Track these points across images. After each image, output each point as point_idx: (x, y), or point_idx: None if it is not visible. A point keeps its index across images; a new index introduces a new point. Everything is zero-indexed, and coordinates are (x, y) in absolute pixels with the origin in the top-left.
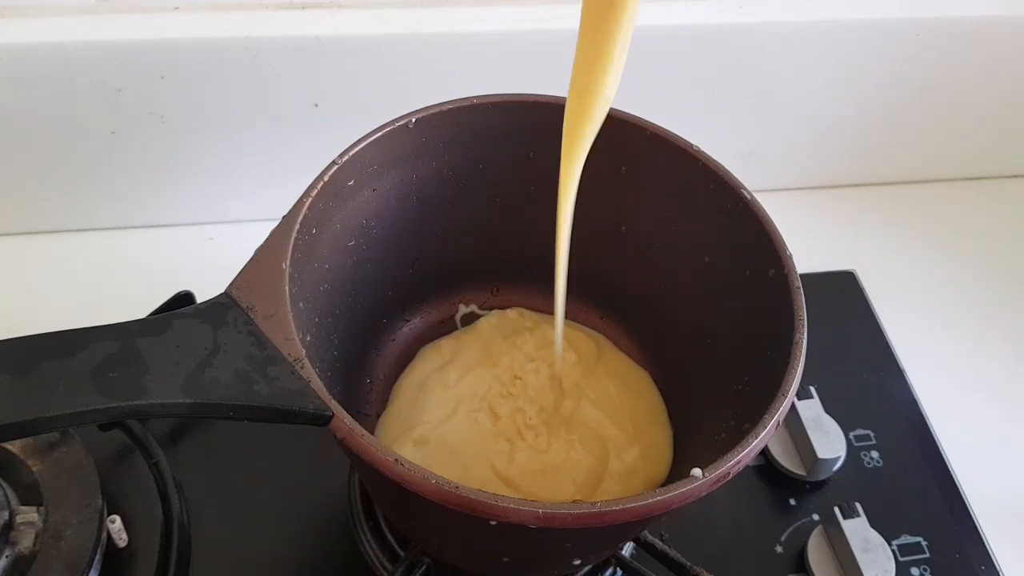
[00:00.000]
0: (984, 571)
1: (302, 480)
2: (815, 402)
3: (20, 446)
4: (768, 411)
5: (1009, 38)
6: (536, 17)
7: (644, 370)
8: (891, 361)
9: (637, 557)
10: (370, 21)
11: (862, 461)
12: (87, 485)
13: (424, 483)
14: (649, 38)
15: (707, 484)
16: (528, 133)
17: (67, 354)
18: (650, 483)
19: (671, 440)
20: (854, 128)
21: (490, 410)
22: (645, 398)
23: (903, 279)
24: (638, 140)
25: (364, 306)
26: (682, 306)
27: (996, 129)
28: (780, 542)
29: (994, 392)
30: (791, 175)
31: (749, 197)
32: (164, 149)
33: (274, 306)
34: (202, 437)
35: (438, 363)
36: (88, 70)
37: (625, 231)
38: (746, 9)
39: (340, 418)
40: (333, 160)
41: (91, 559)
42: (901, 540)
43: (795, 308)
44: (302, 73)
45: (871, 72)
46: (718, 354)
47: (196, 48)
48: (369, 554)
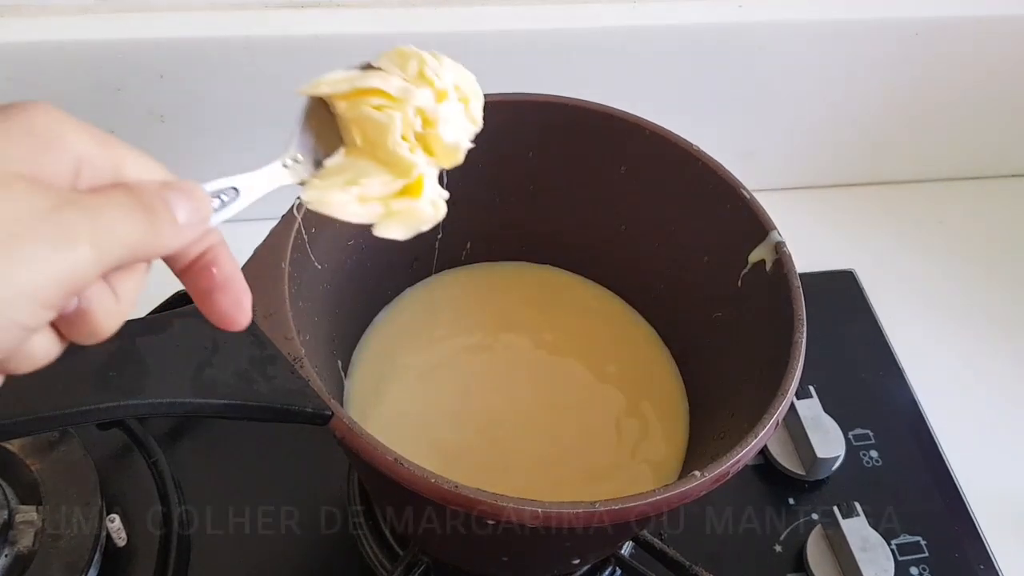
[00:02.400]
0: (983, 571)
1: (301, 479)
2: (814, 401)
3: (19, 445)
4: (767, 410)
5: (1009, 38)
6: (536, 17)
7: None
8: (890, 361)
9: (636, 556)
10: (370, 20)
11: (861, 461)
12: (86, 484)
13: (423, 482)
14: (649, 38)
15: (706, 483)
16: (528, 132)
17: (66, 353)
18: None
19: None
20: (854, 128)
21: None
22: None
23: (903, 279)
24: (638, 140)
25: (363, 305)
26: (681, 305)
27: (996, 129)
28: (779, 542)
29: (994, 392)
30: (791, 175)
31: (749, 197)
32: (163, 148)
33: (273, 305)
34: (201, 436)
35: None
36: (87, 69)
37: (625, 231)
38: (745, 9)
39: (339, 417)
40: None
41: (90, 558)
42: (900, 539)
43: (795, 308)
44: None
45: (871, 72)
46: (717, 353)
47: (196, 47)
48: (368, 553)
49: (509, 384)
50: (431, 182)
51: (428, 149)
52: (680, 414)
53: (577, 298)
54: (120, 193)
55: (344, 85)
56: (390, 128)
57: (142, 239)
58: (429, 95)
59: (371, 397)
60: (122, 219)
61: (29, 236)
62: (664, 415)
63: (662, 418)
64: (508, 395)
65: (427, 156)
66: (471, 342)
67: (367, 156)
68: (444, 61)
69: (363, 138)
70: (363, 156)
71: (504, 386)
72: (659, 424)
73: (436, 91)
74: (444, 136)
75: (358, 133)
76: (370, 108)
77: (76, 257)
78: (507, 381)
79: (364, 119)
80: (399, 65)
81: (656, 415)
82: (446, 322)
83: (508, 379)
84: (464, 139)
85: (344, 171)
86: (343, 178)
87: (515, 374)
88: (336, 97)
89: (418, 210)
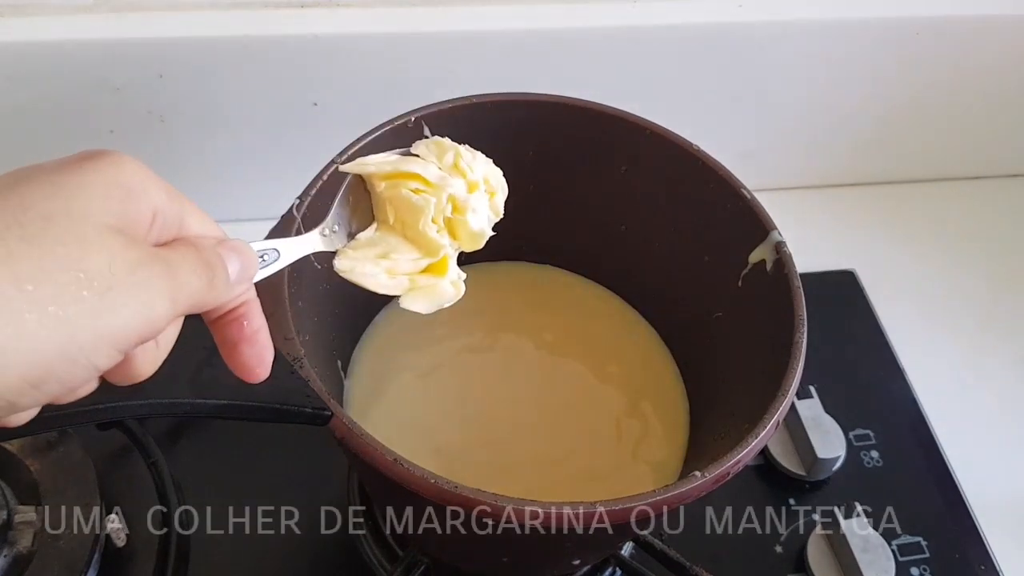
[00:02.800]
0: (984, 571)
1: (301, 480)
2: (815, 402)
3: (18, 445)
4: (768, 411)
5: (1009, 38)
6: (536, 17)
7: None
8: (891, 361)
9: (636, 557)
10: (369, 20)
11: (862, 461)
12: (85, 484)
13: (423, 482)
14: (649, 38)
15: (707, 484)
16: (527, 131)
17: None
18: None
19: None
20: (854, 128)
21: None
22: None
23: (903, 279)
24: (638, 140)
25: (363, 305)
26: (681, 305)
27: (996, 129)
28: (780, 542)
29: (994, 392)
30: (791, 175)
31: (749, 196)
32: (163, 148)
33: (273, 305)
34: (201, 437)
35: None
36: (87, 69)
37: (625, 230)
38: (745, 8)
39: (339, 417)
40: (332, 159)
41: (89, 559)
42: (901, 540)
43: (795, 307)
44: (301, 72)
45: (871, 72)
46: (717, 353)
47: (195, 47)
48: (368, 553)
49: (509, 384)
50: (453, 263)
51: (453, 233)
52: (680, 414)
53: (577, 298)
54: (190, 251)
55: (388, 167)
56: (425, 211)
57: (203, 293)
58: (462, 185)
59: (371, 397)
60: (190, 275)
61: (120, 288)
62: (664, 415)
63: (662, 418)
64: (508, 395)
65: (451, 239)
66: (471, 342)
67: (397, 233)
68: (477, 156)
69: (396, 216)
70: (393, 233)
71: (504, 386)
72: (659, 424)
73: (468, 182)
74: (471, 224)
75: (391, 211)
76: (408, 191)
77: (155, 310)
78: (507, 381)
79: (400, 200)
80: (436, 155)
81: (656, 415)
82: (446, 322)
83: (508, 379)
84: (487, 227)
85: (375, 244)
86: (375, 251)
87: (515, 374)
88: (377, 177)
89: (441, 288)
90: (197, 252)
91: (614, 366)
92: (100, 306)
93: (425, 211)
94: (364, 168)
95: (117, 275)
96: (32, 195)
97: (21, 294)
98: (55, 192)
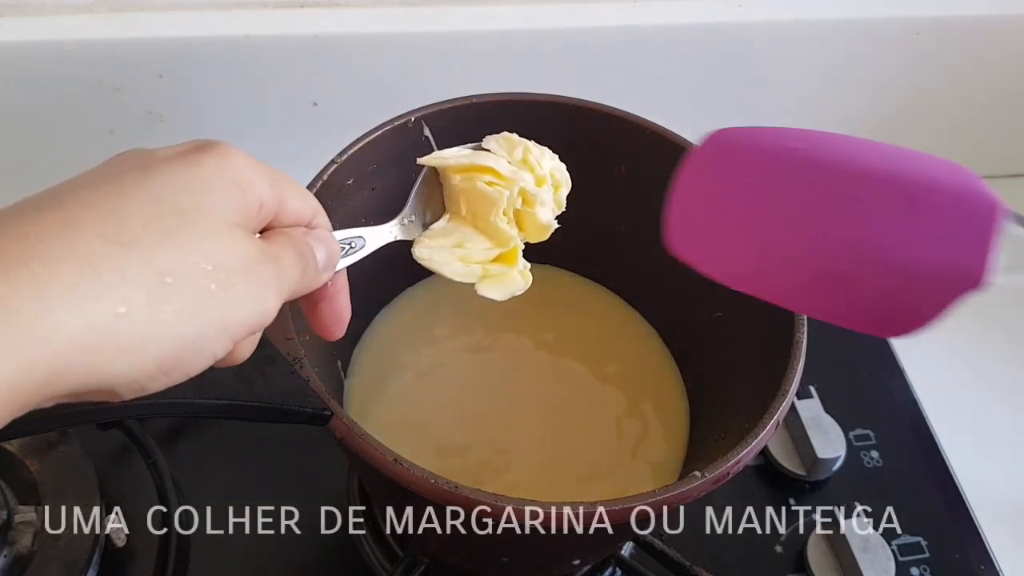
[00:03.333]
0: (984, 571)
1: (301, 480)
2: (815, 401)
3: (18, 445)
4: (768, 410)
5: (1009, 38)
6: (536, 17)
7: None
8: (891, 361)
9: (636, 557)
10: (369, 20)
11: (862, 461)
12: (85, 484)
13: (423, 482)
14: (649, 38)
15: (707, 484)
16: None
17: None
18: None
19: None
20: (854, 127)
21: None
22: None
23: None
24: (638, 140)
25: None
26: (681, 305)
27: (996, 129)
28: (780, 542)
29: (994, 392)
30: None
31: None
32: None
33: None
34: (200, 436)
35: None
36: (86, 69)
37: (625, 230)
38: (745, 8)
39: (339, 417)
40: (332, 159)
41: (89, 558)
42: (901, 540)
43: None
44: (301, 72)
45: (871, 72)
46: (717, 353)
47: (195, 47)
48: (368, 553)
49: (509, 384)
50: (520, 254)
51: (520, 225)
52: (680, 414)
53: (577, 298)
54: (289, 244)
55: (464, 160)
56: (498, 203)
57: (298, 283)
58: (531, 179)
59: (371, 397)
60: (291, 267)
61: (241, 284)
62: (664, 415)
63: (662, 418)
64: (508, 395)
65: (519, 231)
66: (471, 342)
67: (468, 224)
68: (545, 151)
69: (468, 208)
70: (465, 223)
71: (504, 386)
72: (659, 424)
73: (536, 176)
74: (540, 216)
75: (464, 203)
76: (483, 183)
77: (269, 302)
78: (507, 381)
79: (474, 192)
80: (507, 150)
81: (656, 415)
82: (446, 322)
83: (508, 379)
84: (553, 220)
85: (448, 234)
86: (449, 241)
87: (515, 374)
88: (453, 170)
89: (512, 277)
90: (294, 245)
91: (614, 366)
92: (226, 299)
93: (498, 203)
94: (442, 161)
95: (240, 270)
96: (161, 189)
97: (163, 286)
98: (183, 188)
